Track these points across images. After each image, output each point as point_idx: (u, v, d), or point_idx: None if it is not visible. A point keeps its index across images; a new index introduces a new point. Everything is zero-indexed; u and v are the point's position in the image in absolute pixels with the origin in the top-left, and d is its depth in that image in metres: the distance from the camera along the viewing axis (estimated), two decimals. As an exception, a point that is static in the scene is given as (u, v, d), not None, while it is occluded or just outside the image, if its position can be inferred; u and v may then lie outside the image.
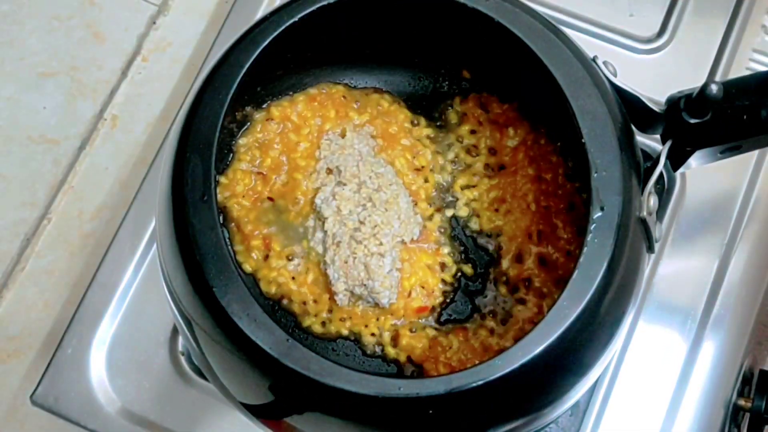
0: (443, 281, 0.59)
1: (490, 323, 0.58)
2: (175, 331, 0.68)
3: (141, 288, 0.69)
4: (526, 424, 0.50)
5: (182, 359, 0.68)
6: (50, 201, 0.74)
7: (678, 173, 0.69)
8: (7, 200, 0.74)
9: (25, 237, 0.73)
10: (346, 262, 0.57)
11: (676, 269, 0.68)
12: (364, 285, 0.56)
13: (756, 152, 0.71)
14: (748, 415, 0.66)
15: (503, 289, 0.59)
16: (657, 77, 0.73)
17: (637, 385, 0.66)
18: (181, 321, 0.52)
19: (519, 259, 0.59)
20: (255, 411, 0.52)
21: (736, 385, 0.66)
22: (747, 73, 0.73)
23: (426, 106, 0.64)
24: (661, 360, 0.66)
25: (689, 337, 0.67)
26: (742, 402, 0.66)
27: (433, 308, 0.59)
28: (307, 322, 0.58)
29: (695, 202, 0.70)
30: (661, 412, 0.65)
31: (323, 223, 0.58)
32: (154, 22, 0.79)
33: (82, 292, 0.69)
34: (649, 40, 0.75)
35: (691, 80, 0.72)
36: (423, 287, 0.59)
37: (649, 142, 0.69)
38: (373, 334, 0.58)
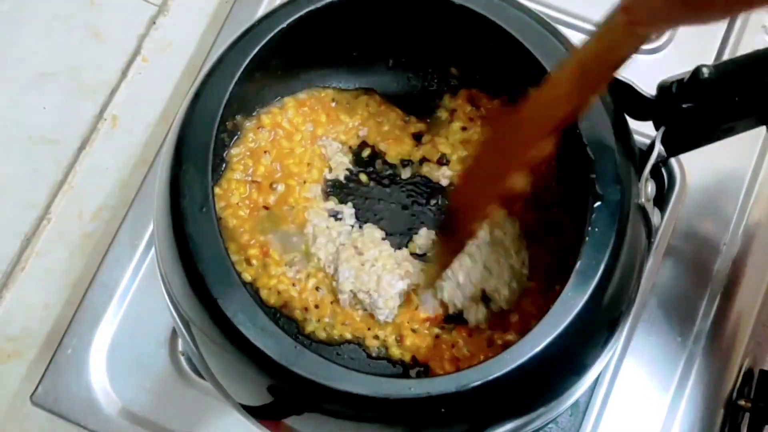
0: None
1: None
2: (175, 332, 0.68)
3: (141, 288, 0.69)
4: (532, 420, 0.50)
5: (182, 359, 0.68)
6: (50, 201, 0.74)
7: (677, 167, 0.69)
8: (7, 200, 0.74)
9: (25, 237, 0.73)
10: (362, 265, 0.57)
11: (677, 268, 0.68)
12: (369, 294, 0.56)
13: (757, 147, 0.71)
14: (748, 415, 0.66)
15: None
16: (657, 77, 0.73)
17: (637, 384, 0.66)
18: (183, 330, 0.51)
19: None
20: (255, 412, 0.52)
21: (736, 385, 0.66)
22: (747, 73, 0.73)
23: (416, 106, 0.64)
24: (662, 360, 0.66)
25: (689, 337, 0.67)
26: (742, 402, 0.66)
27: (438, 316, 0.59)
28: (309, 327, 0.58)
29: (695, 202, 0.70)
30: (661, 412, 0.65)
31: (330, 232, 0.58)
32: (154, 22, 0.79)
33: (82, 292, 0.69)
34: (648, 41, 0.75)
35: (692, 80, 0.73)
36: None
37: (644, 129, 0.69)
38: (376, 337, 0.58)
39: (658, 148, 0.51)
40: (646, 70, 0.73)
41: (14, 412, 0.70)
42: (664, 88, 0.51)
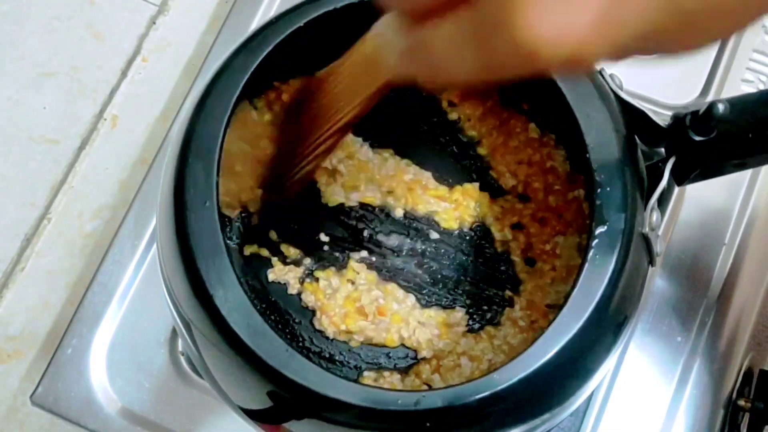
0: None
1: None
2: (175, 332, 0.68)
3: (141, 288, 0.69)
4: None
5: (182, 359, 0.68)
6: (50, 201, 0.74)
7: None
8: (7, 200, 0.74)
9: (25, 237, 0.73)
10: None
11: (676, 268, 0.68)
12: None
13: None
14: (748, 415, 0.66)
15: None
16: (657, 77, 0.73)
17: (636, 385, 0.66)
18: (181, 327, 0.52)
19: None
20: (253, 415, 0.52)
21: (736, 385, 0.66)
22: (747, 72, 0.73)
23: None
24: (661, 360, 0.66)
25: (689, 337, 0.67)
26: (742, 402, 0.66)
27: None
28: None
29: (695, 201, 0.70)
30: (661, 412, 0.65)
31: None
32: (154, 22, 0.79)
33: (82, 292, 0.69)
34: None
35: (691, 79, 0.73)
36: None
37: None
38: None
39: (667, 177, 0.51)
40: (646, 70, 0.74)
41: (14, 412, 0.70)
42: (678, 118, 0.51)
